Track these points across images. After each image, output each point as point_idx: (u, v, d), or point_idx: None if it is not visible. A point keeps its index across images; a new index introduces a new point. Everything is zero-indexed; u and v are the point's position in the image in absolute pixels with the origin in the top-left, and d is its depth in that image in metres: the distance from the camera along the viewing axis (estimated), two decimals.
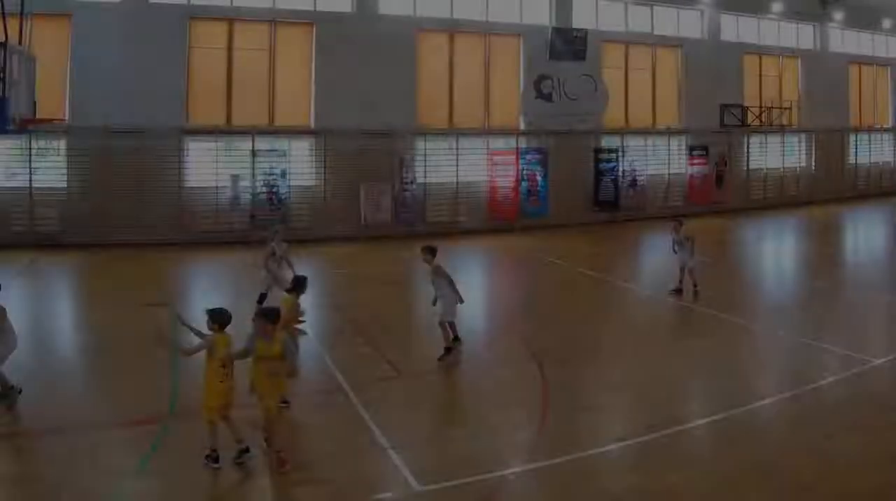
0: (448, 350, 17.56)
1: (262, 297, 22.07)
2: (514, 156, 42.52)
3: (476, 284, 29.04)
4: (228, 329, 12.69)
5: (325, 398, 15.61)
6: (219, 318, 12.68)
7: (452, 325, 17.89)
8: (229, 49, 38.25)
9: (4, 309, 14.77)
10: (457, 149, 41.30)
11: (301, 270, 26.71)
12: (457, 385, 16.88)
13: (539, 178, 43.09)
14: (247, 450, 12.20)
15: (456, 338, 17.83)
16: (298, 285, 15.95)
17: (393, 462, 12.28)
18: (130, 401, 15.04)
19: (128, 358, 17.84)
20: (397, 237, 38.40)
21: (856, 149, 57.60)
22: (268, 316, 12.51)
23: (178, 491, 11.57)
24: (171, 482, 11.78)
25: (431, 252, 17.87)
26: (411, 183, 40.15)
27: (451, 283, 17.72)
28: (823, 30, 54.30)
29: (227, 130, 37.50)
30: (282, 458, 12.04)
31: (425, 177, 40.51)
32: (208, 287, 28.12)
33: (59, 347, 19.69)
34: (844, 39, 56.23)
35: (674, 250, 24.69)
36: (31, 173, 34.47)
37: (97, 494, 11.45)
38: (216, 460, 12.09)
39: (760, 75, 51.89)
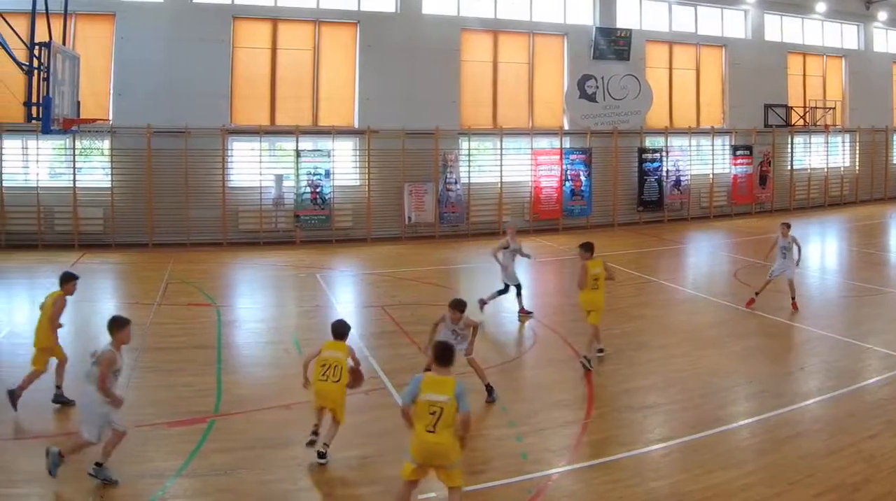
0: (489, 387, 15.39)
1: (505, 289, 22.14)
2: (557, 156, 41.18)
3: (521, 284, 27.92)
4: None
5: (370, 398, 15.10)
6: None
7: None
8: (273, 49, 37.03)
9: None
10: (500, 148, 39.70)
11: (344, 269, 25.68)
12: (501, 385, 15.77)
13: (583, 178, 41.45)
14: None
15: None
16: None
17: None
18: (175, 400, 14.80)
19: (172, 357, 17.58)
20: (441, 237, 37.96)
21: None
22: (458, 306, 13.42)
23: (222, 491, 11.26)
24: (215, 481, 11.53)
25: (460, 307, 15.28)
26: (455, 183, 38.72)
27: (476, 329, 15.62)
28: (867, 29, 51.96)
29: (271, 130, 36.27)
30: None
31: (469, 176, 39.00)
32: (253, 287, 27.49)
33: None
34: (888, 39, 53.71)
35: (782, 255, 22.90)
36: (74, 173, 33.51)
37: (142, 493, 11.14)
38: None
39: (804, 75, 49.68)
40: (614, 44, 42.48)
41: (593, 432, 13.45)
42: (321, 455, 12.17)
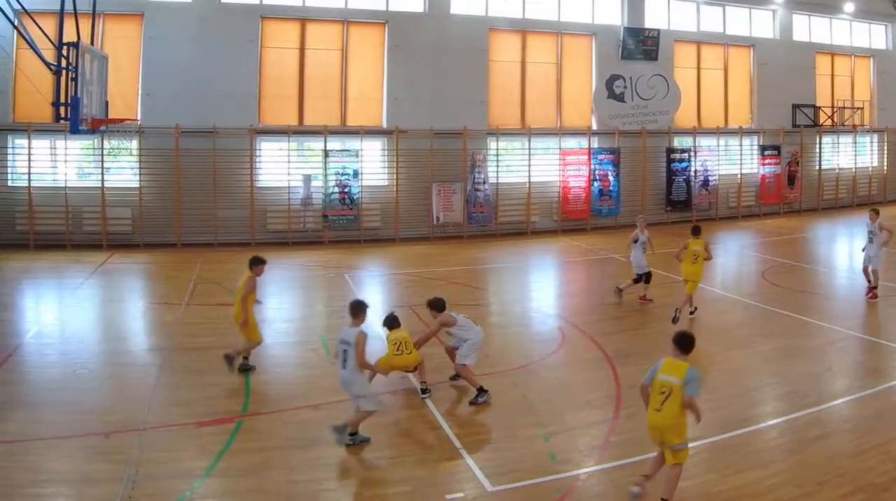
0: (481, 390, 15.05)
1: (639, 278, 23.04)
2: (586, 156, 40.20)
3: (549, 284, 28.87)
4: None
5: (398, 398, 15.08)
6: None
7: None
8: (301, 49, 36.17)
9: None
10: (529, 148, 38.71)
11: (372, 269, 25.10)
12: (529, 385, 15.76)
13: (611, 178, 40.48)
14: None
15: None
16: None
17: (466, 462, 12.03)
18: (204, 400, 14.65)
19: (201, 357, 17.40)
20: (469, 237, 37.10)
21: None
22: None
23: (251, 491, 11.16)
24: (244, 481, 11.44)
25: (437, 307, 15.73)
26: (483, 183, 37.75)
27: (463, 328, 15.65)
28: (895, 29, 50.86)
29: (300, 130, 35.43)
30: None
31: (497, 176, 38.01)
32: (281, 287, 26.64)
33: (132, 347, 18.93)
34: None
35: (869, 240, 22.90)
36: (103, 173, 32.84)
37: (171, 493, 10.95)
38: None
39: (832, 75, 48.40)
40: (642, 44, 41.48)
41: (621, 432, 13.24)
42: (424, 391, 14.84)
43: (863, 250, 23.95)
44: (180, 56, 33.48)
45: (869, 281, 23.21)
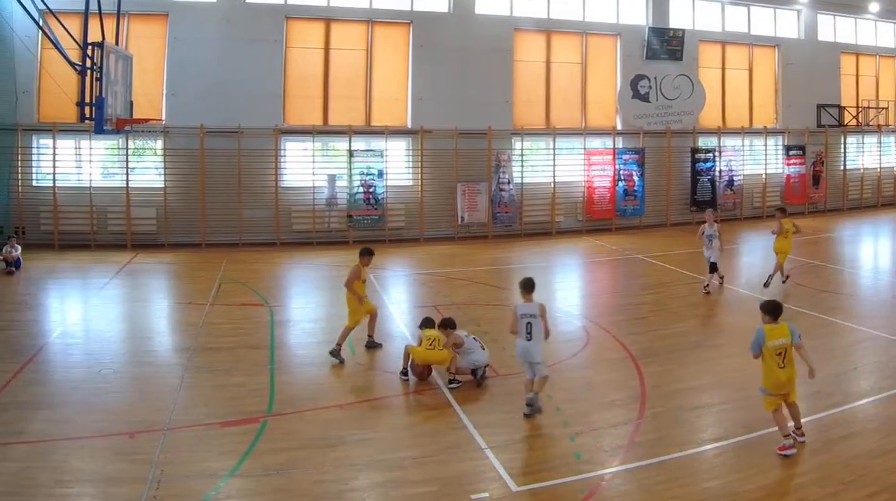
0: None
1: (713, 266, 23.81)
2: (610, 156, 39.30)
3: (574, 284, 28.47)
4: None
5: (424, 398, 14.97)
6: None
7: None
8: (326, 49, 35.42)
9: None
10: (553, 149, 38.00)
11: (397, 269, 26.34)
12: (554, 385, 15.13)
13: (636, 178, 39.57)
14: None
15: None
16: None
17: (490, 461, 11.91)
18: (228, 400, 14.54)
19: (225, 358, 17.31)
20: (494, 237, 36.32)
21: None
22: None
23: (275, 491, 11.04)
24: (268, 481, 11.32)
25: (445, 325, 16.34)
26: (508, 183, 36.98)
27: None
28: None
29: (324, 130, 34.72)
30: None
31: (522, 176, 37.23)
32: (305, 287, 26.65)
33: (156, 347, 18.62)
34: None
35: None
36: (127, 173, 32.30)
37: (196, 493, 10.83)
38: None
39: (857, 75, 47.24)
40: (667, 44, 40.56)
41: (646, 432, 13.09)
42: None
43: None
44: (205, 56, 32.97)
45: None
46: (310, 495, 10.89)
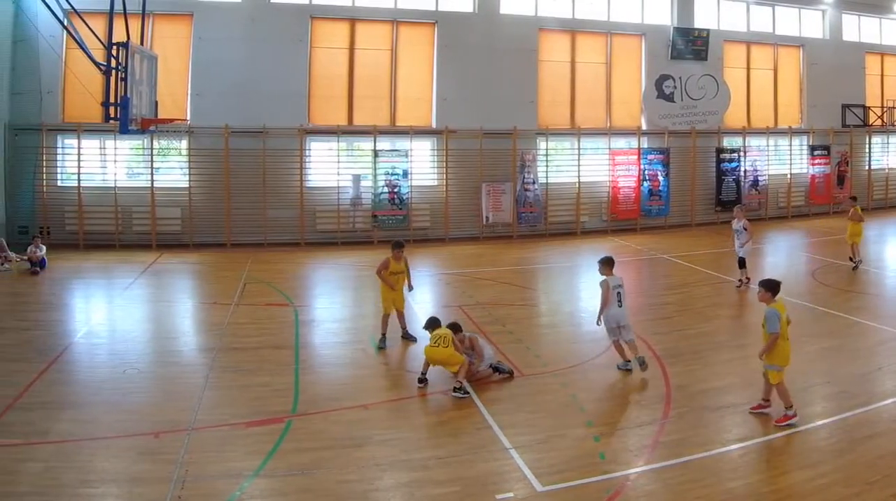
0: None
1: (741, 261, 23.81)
2: (635, 156, 38.46)
3: (597, 283, 26.25)
4: None
5: (447, 398, 14.51)
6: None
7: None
8: (351, 49, 34.70)
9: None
10: (578, 149, 37.34)
11: (422, 269, 26.28)
12: (578, 385, 15.27)
13: (661, 178, 38.71)
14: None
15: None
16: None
17: (515, 461, 11.67)
18: (253, 400, 14.28)
19: (250, 357, 17.01)
20: (518, 237, 35.61)
21: None
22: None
23: (300, 491, 10.82)
24: (293, 481, 11.10)
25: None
26: (533, 183, 36.20)
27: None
28: None
29: (349, 130, 34.07)
30: None
31: (546, 176, 36.63)
32: (330, 287, 26.21)
33: (181, 347, 18.28)
34: None
35: None
36: (152, 173, 31.82)
37: (220, 493, 10.64)
38: None
39: (882, 75, 46.10)
40: (692, 44, 39.65)
41: (671, 432, 12.81)
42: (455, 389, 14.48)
43: None
44: (230, 56, 32.35)
45: None
46: (334, 495, 10.70)
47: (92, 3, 24.78)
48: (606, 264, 16.16)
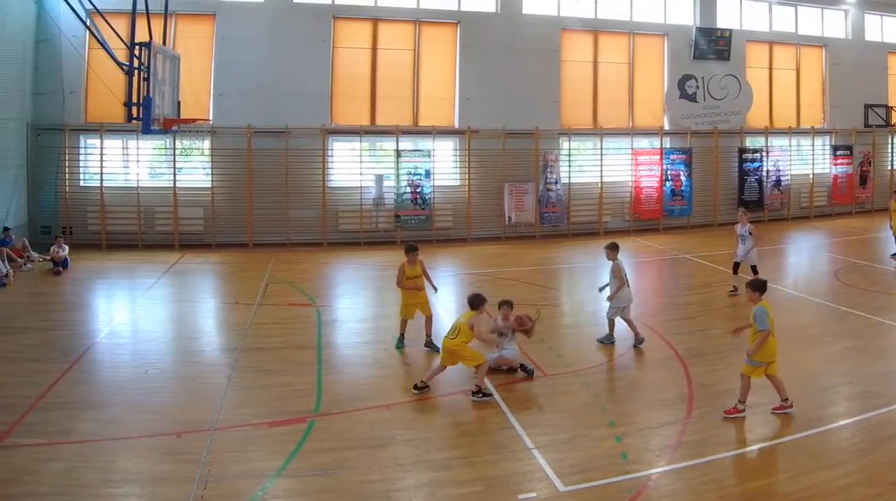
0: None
1: (753, 269, 22.76)
2: (658, 156, 37.62)
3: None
4: None
5: (469, 399, 14.17)
6: None
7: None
8: (373, 49, 34.04)
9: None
10: (601, 148, 36.56)
11: (444, 269, 26.35)
12: (601, 385, 15.23)
13: (683, 178, 37.89)
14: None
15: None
16: None
17: (537, 461, 11.48)
18: (275, 400, 14.03)
19: (272, 357, 16.74)
20: (541, 237, 34.86)
21: None
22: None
23: (322, 491, 10.67)
24: (315, 481, 10.93)
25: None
26: (555, 183, 35.44)
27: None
28: None
29: (371, 130, 33.44)
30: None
31: (569, 176, 35.98)
32: (353, 287, 25.78)
33: (204, 347, 17.94)
34: None
35: None
36: (175, 173, 31.28)
37: (242, 493, 10.51)
38: None
39: None
40: (714, 44, 38.78)
41: (693, 432, 12.57)
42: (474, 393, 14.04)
43: None
44: (252, 56, 31.75)
45: None
46: (356, 495, 10.56)
47: (114, 3, 24.44)
48: (613, 249, 17.49)
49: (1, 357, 16.28)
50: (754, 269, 22.53)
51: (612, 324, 17.40)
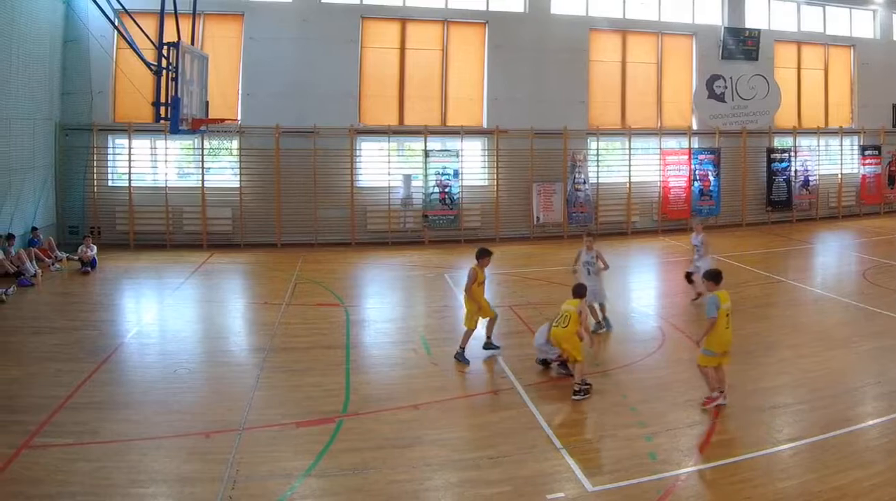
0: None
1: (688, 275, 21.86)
2: (686, 156, 36.48)
3: (649, 284, 27.12)
4: None
5: (500, 398, 14.02)
6: None
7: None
8: (402, 49, 33.09)
9: None
10: (629, 149, 35.51)
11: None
12: (629, 384, 14.65)
13: (711, 178, 36.74)
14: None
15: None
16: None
17: (566, 461, 11.21)
18: (304, 400, 13.73)
19: (301, 357, 16.37)
20: (569, 237, 33.69)
21: None
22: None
23: (351, 491, 10.45)
24: (344, 481, 10.69)
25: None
26: (583, 183, 34.36)
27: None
28: None
29: (400, 130, 32.64)
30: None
31: (597, 176, 34.98)
32: (381, 287, 25.12)
33: (232, 347, 17.69)
34: None
35: None
36: (203, 173, 30.52)
37: (271, 493, 10.28)
38: None
39: None
40: (743, 44, 37.62)
41: (722, 432, 12.33)
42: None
43: None
44: (280, 56, 30.94)
45: None
46: (385, 494, 10.33)
47: (143, 3, 24.08)
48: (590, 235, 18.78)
49: (29, 357, 16.01)
50: (689, 276, 21.81)
51: (593, 311, 17.56)
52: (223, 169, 31.88)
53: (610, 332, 17.92)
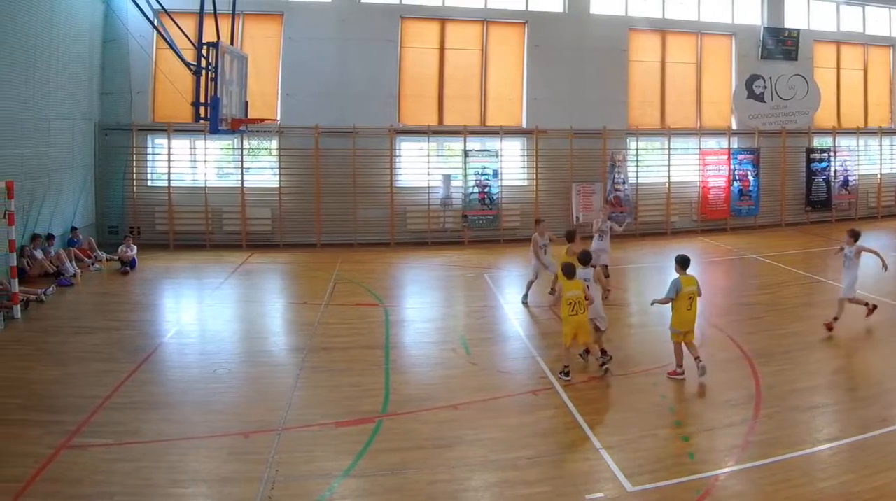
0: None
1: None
2: (725, 157, 35.02)
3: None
4: None
5: (538, 398, 13.58)
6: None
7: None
8: (441, 49, 31.86)
9: None
10: (668, 149, 34.05)
11: (512, 269, 25.66)
12: (668, 384, 14.12)
13: (751, 178, 35.25)
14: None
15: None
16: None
17: (605, 461, 10.85)
18: (343, 400, 13.43)
19: (340, 357, 15.99)
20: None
21: None
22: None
23: (390, 491, 10.10)
24: (383, 481, 10.37)
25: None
26: (623, 183, 33.03)
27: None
28: None
29: (439, 130, 31.49)
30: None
31: (637, 176, 33.63)
32: (420, 287, 24.08)
33: (271, 347, 17.25)
34: None
35: None
36: (242, 173, 29.48)
37: (310, 493, 9.95)
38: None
39: None
40: (782, 44, 36.08)
41: (760, 432, 11.92)
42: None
43: None
44: (320, 56, 29.88)
45: None
46: (424, 494, 10.07)
47: (182, 3, 23.37)
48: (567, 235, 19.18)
49: (69, 356, 15.62)
50: (605, 269, 20.84)
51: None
52: (262, 169, 30.93)
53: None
